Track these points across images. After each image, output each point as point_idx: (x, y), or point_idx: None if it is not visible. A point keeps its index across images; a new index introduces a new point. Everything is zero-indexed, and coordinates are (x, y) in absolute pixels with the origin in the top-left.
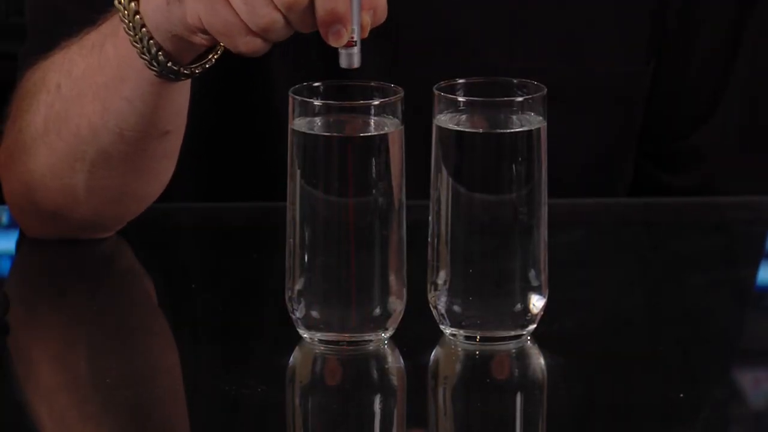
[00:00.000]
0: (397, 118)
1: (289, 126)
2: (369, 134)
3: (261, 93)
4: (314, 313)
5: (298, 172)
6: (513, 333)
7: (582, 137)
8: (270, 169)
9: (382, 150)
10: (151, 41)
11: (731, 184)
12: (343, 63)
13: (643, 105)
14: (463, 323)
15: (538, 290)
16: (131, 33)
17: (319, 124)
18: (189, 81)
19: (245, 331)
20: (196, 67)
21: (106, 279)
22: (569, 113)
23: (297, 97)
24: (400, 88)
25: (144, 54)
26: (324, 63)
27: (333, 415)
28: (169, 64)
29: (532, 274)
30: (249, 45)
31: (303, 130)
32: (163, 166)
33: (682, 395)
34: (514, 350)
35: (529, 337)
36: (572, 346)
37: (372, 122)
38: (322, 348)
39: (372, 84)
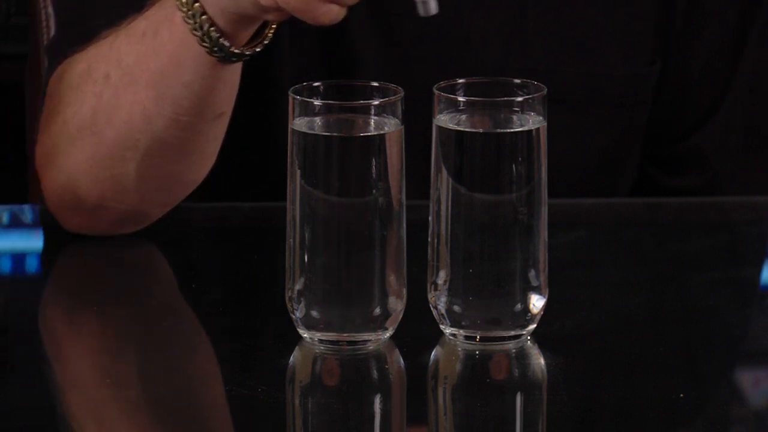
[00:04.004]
0: (397, 118)
1: (289, 126)
2: (369, 134)
3: (262, 93)
4: (314, 313)
5: (298, 172)
6: (513, 333)
7: (586, 139)
8: (270, 169)
9: (382, 150)
10: (212, 28)
11: (733, 185)
12: (420, 11)
13: (648, 107)
14: (463, 323)
15: (538, 290)
16: (190, 21)
17: (319, 124)
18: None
19: (245, 331)
20: (255, 45)
21: (106, 279)
22: (573, 115)
23: (297, 97)
24: (400, 88)
25: (204, 41)
26: (328, 64)
27: (333, 415)
28: (232, 48)
29: (532, 274)
30: (329, 14)
31: (303, 130)
32: (212, 149)
33: (682, 395)
34: (514, 350)
35: (529, 337)
36: (572, 346)
37: (372, 122)
38: (322, 348)
39: (372, 84)
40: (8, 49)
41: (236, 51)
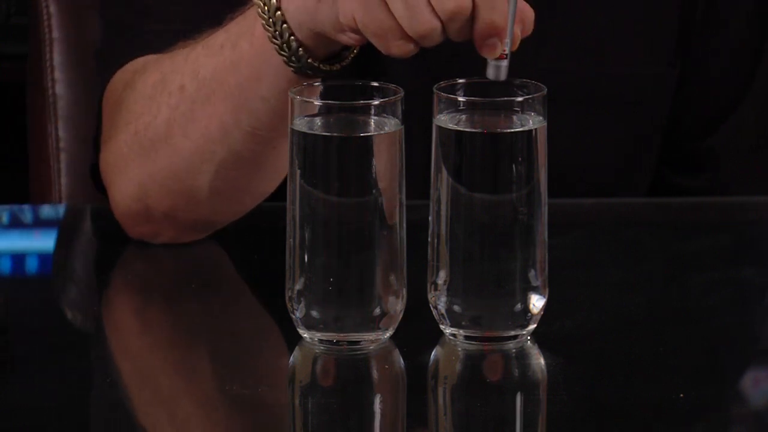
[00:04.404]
0: (397, 118)
1: (289, 126)
2: (369, 134)
3: None
4: (314, 313)
5: (298, 172)
6: (513, 333)
7: (605, 139)
8: None
9: (382, 150)
10: (292, 37)
11: (745, 186)
12: (491, 75)
13: (667, 108)
14: (463, 323)
15: (538, 290)
16: (270, 29)
17: (319, 124)
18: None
19: (245, 331)
20: (334, 65)
21: (104, 279)
22: (592, 115)
23: (297, 97)
24: (400, 88)
25: (283, 50)
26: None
27: (333, 415)
28: (309, 60)
29: (532, 274)
30: (402, 48)
31: (303, 130)
32: (285, 163)
33: (682, 395)
34: (514, 350)
35: (529, 337)
36: (572, 346)
37: (372, 122)
38: (322, 348)
39: (372, 84)
40: (8, 49)
41: (314, 64)
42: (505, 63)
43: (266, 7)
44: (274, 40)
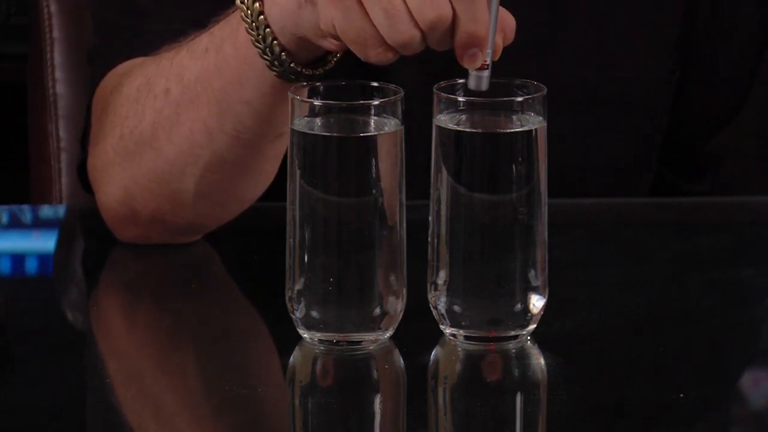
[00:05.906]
0: (397, 118)
1: (289, 126)
2: (369, 134)
3: None
4: (314, 313)
5: (298, 172)
6: (513, 333)
7: (605, 139)
8: None
9: (382, 150)
10: (275, 42)
11: (747, 190)
12: (472, 84)
13: (668, 111)
14: (463, 323)
15: (538, 290)
16: (253, 33)
17: (319, 124)
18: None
19: (245, 331)
20: (317, 69)
21: (105, 280)
22: (593, 115)
23: (297, 97)
24: (400, 88)
25: (266, 54)
26: (355, 64)
27: (333, 415)
28: (292, 65)
29: (532, 274)
30: (380, 56)
31: (303, 130)
32: (271, 168)
33: (682, 395)
34: (514, 350)
35: (529, 337)
36: (572, 346)
37: (372, 122)
38: (322, 348)
39: (372, 84)
40: (8, 49)
41: (297, 69)
42: (486, 73)
43: (249, 11)
44: (257, 44)
